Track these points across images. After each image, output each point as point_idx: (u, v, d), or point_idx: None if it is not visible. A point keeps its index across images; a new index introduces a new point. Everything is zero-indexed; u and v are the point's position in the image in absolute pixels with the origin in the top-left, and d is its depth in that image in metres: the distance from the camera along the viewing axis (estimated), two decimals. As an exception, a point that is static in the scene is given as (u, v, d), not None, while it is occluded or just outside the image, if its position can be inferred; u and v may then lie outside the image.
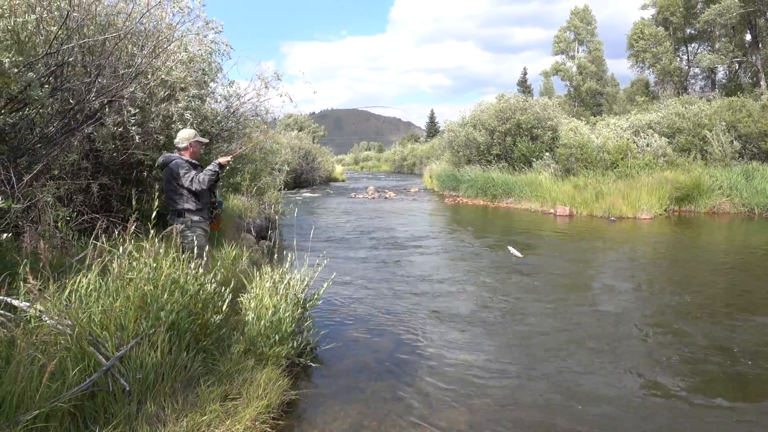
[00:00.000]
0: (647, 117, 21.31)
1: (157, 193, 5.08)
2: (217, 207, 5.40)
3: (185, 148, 5.13)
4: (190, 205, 5.04)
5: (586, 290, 7.68)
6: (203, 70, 6.96)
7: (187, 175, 4.94)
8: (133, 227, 4.17)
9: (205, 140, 5.50)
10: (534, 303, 6.91)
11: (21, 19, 4.18)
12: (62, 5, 4.89)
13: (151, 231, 4.17)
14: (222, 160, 5.09)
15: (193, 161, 5.13)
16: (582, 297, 7.30)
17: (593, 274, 8.74)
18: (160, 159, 5.22)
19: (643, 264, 9.48)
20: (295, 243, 5.74)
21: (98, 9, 5.41)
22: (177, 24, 6.46)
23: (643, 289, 7.67)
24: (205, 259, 4.52)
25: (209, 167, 5.04)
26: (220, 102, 7.92)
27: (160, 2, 6.04)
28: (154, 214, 4.34)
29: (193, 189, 4.95)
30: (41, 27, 4.70)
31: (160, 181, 6.09)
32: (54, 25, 4.78)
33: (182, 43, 6.44)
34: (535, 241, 12.07)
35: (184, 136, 5.16)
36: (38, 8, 4.69)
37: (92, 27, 5.25)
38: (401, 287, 7.78)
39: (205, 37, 6.89)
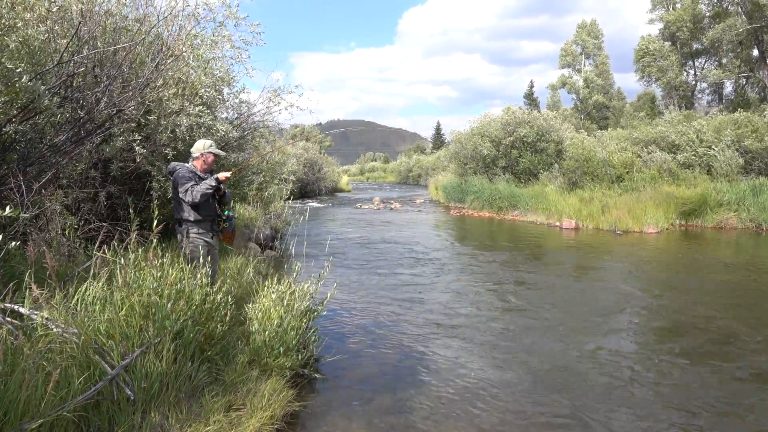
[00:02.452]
0: (649, 131, 21.29)
1: (156, 203, 5.06)
2: (226, 221, 5.24)
3: (197, 158, 5.07)
4: (188, 215, 4.94)
5: (594, 308, 7.62)
6: (220, 77, 7.03)
7: (183, 187, 4.84)
8: (135, 237, 4.19)
9: (221, 153, 5.35)
10: (541, 319, 6.89)
11: (31, 31, 4.24)
12: (73, 17, 4.95)
13: (153, 240, 4.19)
14: (221, 175, 4.95)
15: (199, 173, 5.04)
16: (591, 314, 7.25)
17: (602, 290, 8.69)
18: (168, 167, 5.20)
19: (650, 281, 9.44)
20: (301, 253, 5.76)
21: (109, 21, 5.46)
22: (192, 29, 6.51)
23: (651, 308, 7.62)
24: (204, 270, 4.45)
25: (206, 181, 4.90)
26: (231, 111, 7.99)
27: (167, 16, 6.09)
28: (155, 223, 4.33)
29: (186, 201, 4.86)
30: (51, 39, 4.75)
31: (167, 190, 6.10)
32: (64, 37, 4.83)
33: (200, 49, 6.49)
34: (542, 255, 12.04)
35: (198, 146, 5.10)
36: (48, 21, 4.74)
37: (103, 38, 5.30)
38: (406, 299, 7.77)
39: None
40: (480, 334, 6.20)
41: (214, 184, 4.88)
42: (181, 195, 4.85)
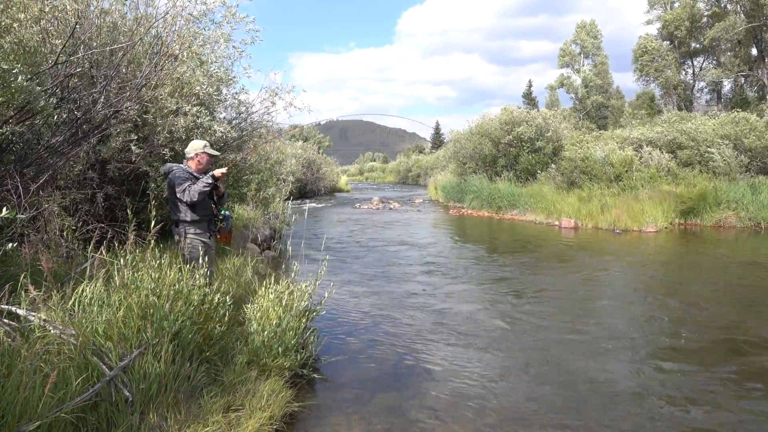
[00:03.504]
0: (648, 132, 21.30)
1: (153, 203, 5.05)
2: (222, 220, 5.22)
3: (191, 158, 5.06)
4: (185, 216, 4.92)
5: (593, 307, 7.62)
6: (219, 77, 7.03)
7: (181, 186, 4.82)
8: (133, 237, 4.18)
9: (215, 153, 5.30)
10: (540, 319, 6.88)
11: (25, 31, 4.23)
12: (68, 17, 4.93)
13: (151, 241, 4.18)
14: (217, 172, 4.91)
15: (195, 173, 5.00)
16: (590, 315, 7.24)
17: (601, 290, 8.68)
18: (164, 168, 5.18)
19: (650, 281, 9.43)
20: (299, 253, 5.75)
21: (107, 20, 5.45)
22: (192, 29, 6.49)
23: (652, 308, 7.61)
24: (202, 270, 4.44)
25: (202, 179, 4.87)
26: (230, 111, 7.98)
27: (165, 17, 6.08)
28: (153, 223, 4.32)
29: (184, 200, 4.82)
30: (46, 39, 4.74)
31: (164, 190, 6.08)
32: (59, 38, 4.82)
33: (198, 49, 6.47)
34: (541, 254, 12.03)
35: (193, 146, 5.08)
36: (42, 21, 4.72)
37: (99, 39, 5.29)
38: (405, 299, 7.76)
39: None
40: (481, 335, 6.19)
41: (210, 182, 4.85)
42: (178, 195, 4.82)
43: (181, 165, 5.04)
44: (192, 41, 6.43)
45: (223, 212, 5.23)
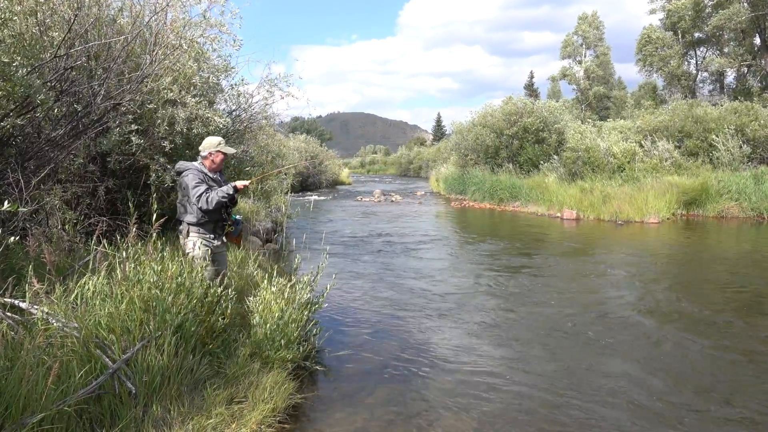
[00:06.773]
0: (654, 120, 21.19)
1: (155, 196, 4.98)
2: (231, 225, 5.02)
3: (205, 157, 4.82)
4: (190, 218, 4.72)
5: (597, 299, 7.61)
6: (216, 66, 6.97)
7: (195, 190, 4.60)
8: (135, 230, 4.18)
9: (230, 150, 4.99)
10: (542, 311, 6.87)
11: (23, 24, 4.21)
12: (65, 10, 4.91)
13: (153, 234, 4.18)
14: (239, 184, 4.74)
15: (208, 173, 4.80)
16: (592, 306, 7.23)
17: (603, 281, 8.67)
18: (177, 166, 4.92)
19: (651, 271, 9.42)
20: (301, 246, 5.76)
21: (101, 13, 5.42)
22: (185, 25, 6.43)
23: (652, 298, 7.61)
24: (204, 263, 4.41)
25: (223, 188, 4.68)
26: (229, 102, 7.95)
27: (164, 7, 6.03)
28: (155, 216, 4.28)
29: (199, 207, 4.62)
30: (43, 32, 4.71)
31: (164, 182, 6.03)
32: (56, 30, 4.79)
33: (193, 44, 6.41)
34: (543, 246, 12.02)
35: (206, 144, 4.84)
36: (39, 14, 4.69)
37: (95, 31, 5.26)
38: (408, 292, 7.76)
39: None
40: (485, 328, 6.19)
41: (231, 193, 4.67)
42: (193, 200, 4.62)
43: (194, 164, 4.81)
44: (181, 25, 6.35)
45: (233, 217, 5.05)
